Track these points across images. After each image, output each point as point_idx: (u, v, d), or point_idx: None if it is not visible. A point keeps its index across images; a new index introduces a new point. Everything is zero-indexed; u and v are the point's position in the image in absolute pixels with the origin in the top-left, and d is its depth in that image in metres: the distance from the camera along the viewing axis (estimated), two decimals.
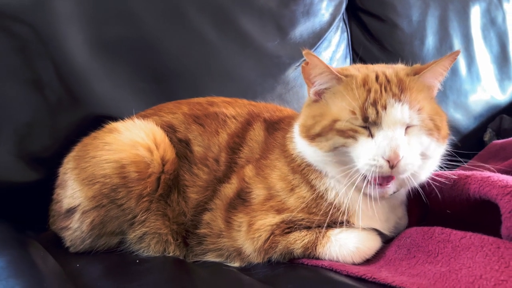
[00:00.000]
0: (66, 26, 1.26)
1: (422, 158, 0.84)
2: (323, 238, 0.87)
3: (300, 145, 0.92)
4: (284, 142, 0.97)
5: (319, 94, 0.90)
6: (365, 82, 0.84)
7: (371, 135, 0.82)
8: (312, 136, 0.87)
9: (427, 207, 0.93)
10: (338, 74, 0.86)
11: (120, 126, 1.04)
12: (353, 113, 0.82)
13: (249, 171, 0.98)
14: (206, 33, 1.42)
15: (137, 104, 1.25)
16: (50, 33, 1.24)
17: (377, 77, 0.85)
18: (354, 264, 0.85)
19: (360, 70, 0.89)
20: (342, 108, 0.84)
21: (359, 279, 0.76)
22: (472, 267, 0.67)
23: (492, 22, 2.03)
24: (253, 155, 1.01)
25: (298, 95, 1.56)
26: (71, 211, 0.99)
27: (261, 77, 1.50)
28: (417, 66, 0.90)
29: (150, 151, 0.98)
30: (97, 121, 1.13)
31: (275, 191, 0.92)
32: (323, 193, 0.89)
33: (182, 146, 1.05)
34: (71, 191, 0.99)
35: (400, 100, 0.81)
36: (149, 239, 0.99)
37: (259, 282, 0.79)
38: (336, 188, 0.89)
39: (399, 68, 0.90)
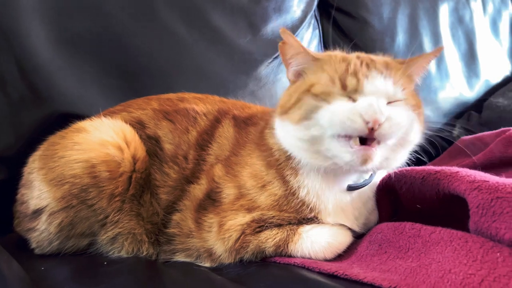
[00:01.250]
0: (30, 21, 1.22)
1: (400, 142, 0.80)
2: (294, 235, 0.86)
3: (278, 130, 0.90)
4: (263, 136, 0.95)
5: (298, 76, 0.89)
6: (344, 58, 0.84)
7: (353, 100, 0.79)
8: (287, 109, 0.85)
9: (398, 203, 0.94)
10: (314, 55, 0.85)
11: (88, 125, 1.01)
12: (332, 81, 0.80)
13: (218, 170, 0.96)
14: (176, 28, 1.40)
15: (104, 101, 1.22)
16: (13, 28, 1.20)
17: (358, 57, 0.85)
18: (326, 259, 0.85)
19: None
20: (320, 77, 0.82)
21: (331, 276, 0.75)
22: (442, 262, 0.67)
23: (460, 20, 2.07)
24: (222, 152, 1.00)
25: (270, 92, 1.56)
26: (38, 212, 0.95)
27: (233, 74, 1.49)
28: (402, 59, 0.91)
29: (120, 149, 0.96)
30: (62, 118, 1.10)
31: (246, 189, 0.91)
32: (296, 190, 0.88)
33: (151, 143, 1.03)
34: (38, 192, 0.95)
35: (383, 74, 0.80)
36: (123, 239, 0.97)
37: (231, 282, 0.77)
38: (309, 186, 0.88)
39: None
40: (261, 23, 1.56)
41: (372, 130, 0.74)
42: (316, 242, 0.85)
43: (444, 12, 2.02)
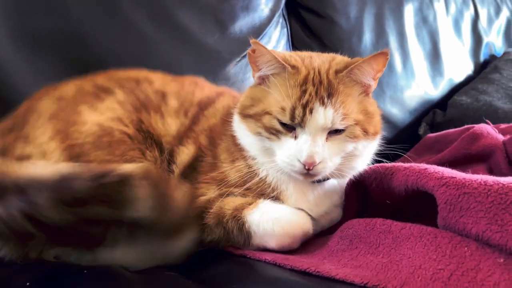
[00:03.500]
0: None
1: (349, 157, 0.89)
2: (251, 204, 0.89)
3: (236, 126, 0.96)
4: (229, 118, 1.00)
5: (263, 79, 0.92)
6: (304, 81, 0.86)
7: (295, 136, 0.86)
8: (245, 115, 0.92)
9: (368, 198, 0.94)
10: (284, 63, 0.87)
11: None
12: (283, 109, 0.85)
13: (203, 140, 1.00)
14: (142, 26, 1.37)
15: None
16: None
17: (314, 77, 0.87)
18: (274, 233, 0.85)
19: (305, 62, 0.90)
20: (275, 101, 0.86)
21: (303, 273, 0.74)
22: (412, 258, 0.68)
23: (424, 20, 2.12)
24: (215, 115, 1.04)
25: (239, 91, 1.54)
26: None
27: (201, 73, 1.46)
28: (354, 60, 0.91)
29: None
30: None
31: (220, 161, 0.95)
32: (256, 170, 0.93)
33: (157, 98, 1.03)
34: None
35: (324, 105, 0.84)
36: None
37: (200, 285, 0.76)
38: (267, 170, 0.92)
39: (334, 63, 0.92)
40: (229, 22, 1.55)
41: (308, 169, 0.84)
42: (267, 213, 0.86)
43: (409, 12, 2.06)
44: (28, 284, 0.77)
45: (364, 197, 0.94)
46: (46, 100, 0.97)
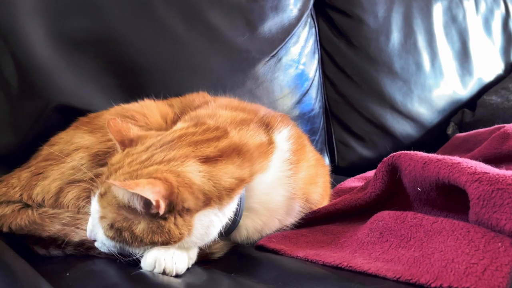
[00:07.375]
0: (27, 20, 1.21)
1: None
2: None
3: None
4: None
5: None
6: (109, 169, 0.84)
7: None
8: None
9: (400, 182, 0.92)
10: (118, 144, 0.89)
11: None
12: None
13: None
14: (174, 27, 1.40)
15: (103, 99, 1.21)
16: (10, 28, 1.18)
17: (113, 169, 0.83)
18: None
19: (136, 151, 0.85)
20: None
21: (335, 268, 0.76)
22: (444, 251, 0.68)
23: (453, 19, 2.09)
24: None
25: (268, 90, 1.57)
26: None
27: (230, 72, 1.50)
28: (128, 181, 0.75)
29: None
30: (60, 117, 1.12)
31: None
32: None
33: None
34: None
35: (97, 198, 0.81)
36: None
37: (237, 280, 0.77)
38: None
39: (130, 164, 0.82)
40: (258, 22, 1.57)
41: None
42: None
43: (438, 11, 2.04)
44: (68, 274, 0.81)
45: (398, 181, 0.92)
46: None
